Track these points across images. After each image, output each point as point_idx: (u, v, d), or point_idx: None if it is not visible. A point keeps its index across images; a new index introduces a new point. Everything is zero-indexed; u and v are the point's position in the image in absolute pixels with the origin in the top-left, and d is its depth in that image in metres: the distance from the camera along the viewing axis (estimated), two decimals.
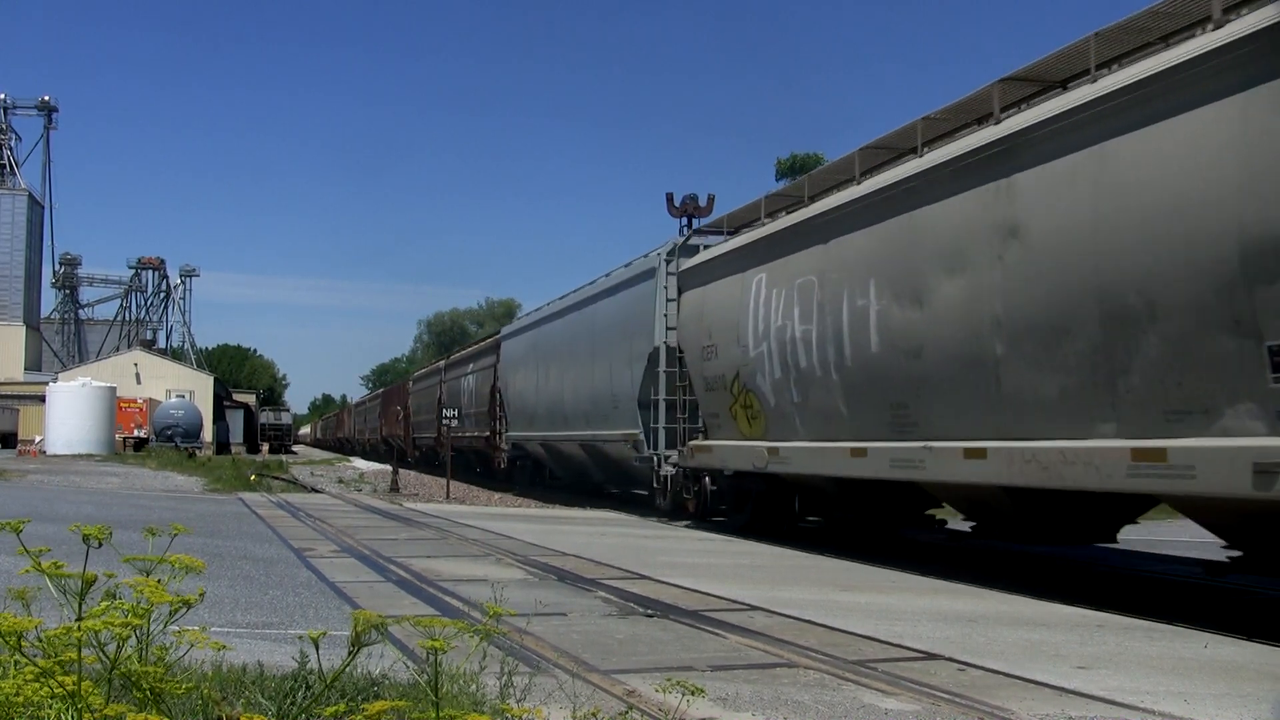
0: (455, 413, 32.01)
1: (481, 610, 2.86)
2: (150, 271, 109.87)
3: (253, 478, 29.11)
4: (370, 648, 2.42)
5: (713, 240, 18.01)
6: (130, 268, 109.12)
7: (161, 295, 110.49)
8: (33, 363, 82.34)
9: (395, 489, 27.63)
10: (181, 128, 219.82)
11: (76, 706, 2.14)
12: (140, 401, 60.53)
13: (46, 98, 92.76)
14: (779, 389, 14.08)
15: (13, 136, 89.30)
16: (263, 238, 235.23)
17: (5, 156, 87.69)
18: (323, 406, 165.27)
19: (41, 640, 2.23)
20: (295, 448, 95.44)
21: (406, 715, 2.70)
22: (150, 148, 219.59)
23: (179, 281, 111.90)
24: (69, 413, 50.00)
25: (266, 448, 78.99)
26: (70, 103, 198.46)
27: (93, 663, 2.29)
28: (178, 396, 63.69)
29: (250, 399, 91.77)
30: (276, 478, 31.41)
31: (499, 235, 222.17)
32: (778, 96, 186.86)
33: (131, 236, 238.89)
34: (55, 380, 58.82)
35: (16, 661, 2.17)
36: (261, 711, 3.51)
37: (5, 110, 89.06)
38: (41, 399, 54.65)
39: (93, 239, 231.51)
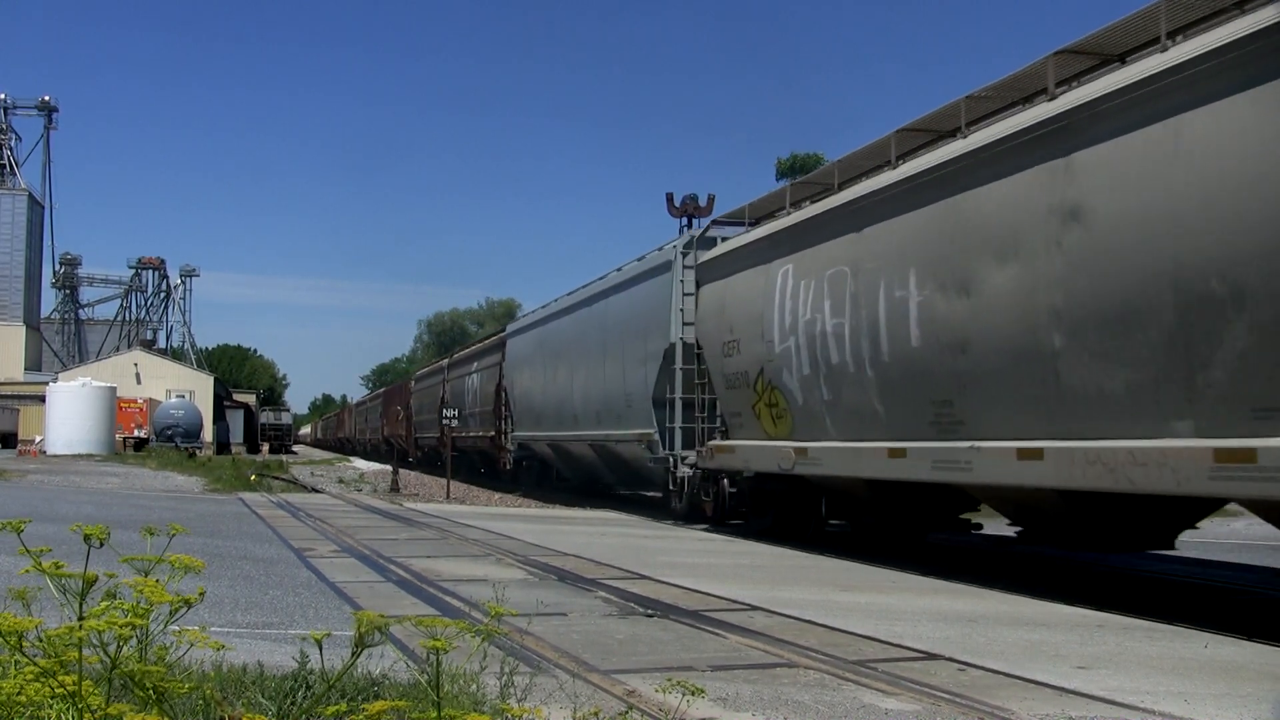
0: (455, 412, 31.49)
1: (482, 610, 2.86)
2: (150, 271, 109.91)
3: (253, 478, 29.11)
4: (371, 647, 2.42)
5: (731, 232, 17.29)
6: (130, 268, 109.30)
7: (161, 295, 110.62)
8: (33, 363, 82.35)
9: (395, 489, 27.64)
10: (181, 128, 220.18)
11: (77, 706, 2.14)
12: (140, 401, 60.52)
13: (46, 98, 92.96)
14: (808, 386, 13.38)
15: (13, 136, 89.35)
16: (263, 238, 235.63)
17: (5, 156, 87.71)
18: (323, 406, 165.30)
19: (42, 640, 2.23)
20: (295, 448, 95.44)
21: (407, 715, 2.70)
22: (150, 148, 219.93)
23: (179, 281, 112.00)
24: (69, 413, 49.98)
25: (266, 448, 78.99)
26: (70, 103, 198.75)
27: (93, 663, 2.29)
28: (178, 396, 63.68)
29: (250, 399, 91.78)
30: (276, 478, 31.42)
31: (499, 235, 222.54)
32: (778, 96, 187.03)
33: (131, 236, 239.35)
34: (55, 380, 58.80)
35: (17, 661, 2.17)
36: (262, 711, 3.52)
37: (5, 110, 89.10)
38: (41, 399, 54.65)
39: (93, 239, 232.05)
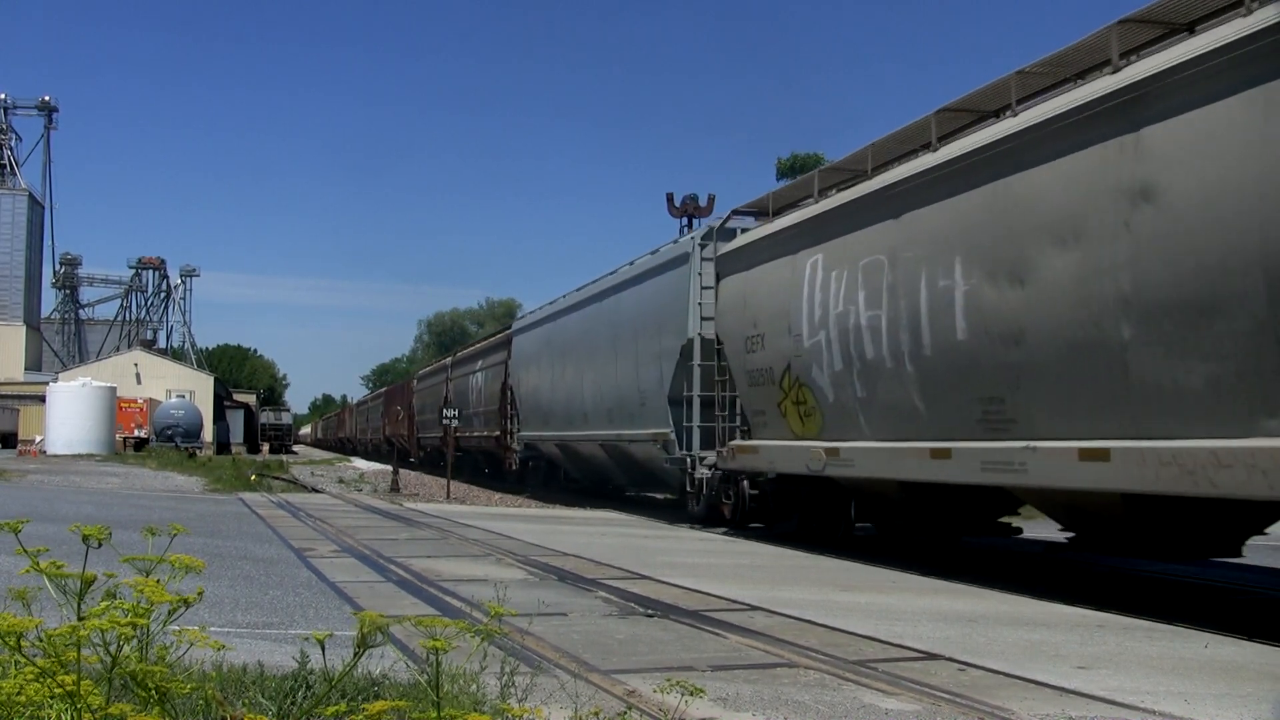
0: (456, 412, 30.98)
1: (482, 610, 2.86)
2: (150, 271, 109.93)
3: (253, 478, 29.10)
4: (371, 648, 2.42)
5: (751, 223, 16.61)
6: (130, 268, 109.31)
7: (162, 295, 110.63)
8: (33, 363, 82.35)
9: (396, 489, 27.63)
10: (181, 128, 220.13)
11: (76, 706, 2.14)
12: (140, 401, 60.52)
13: (46, 98, 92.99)
14: (839, 382, 12.66)
15: (13, 136, 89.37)
16: (263, 238, 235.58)
17: (5, 156, 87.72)
18: (323, 406, 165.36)
19: (42, 640, 2.23)
20: (295, 448, 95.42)
21: (407, 715, 2.70)
22: (150, 148, 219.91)
23: (179, 281, 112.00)
24: (69, 413, 49.99)
25: (267, 448, 78.97)
26: (70, 103, 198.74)
27: (94, 662, 2.29)
28: (178, 396, 63.68)
29: (250, 399, 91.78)
30: (277, 478, 31.41)
31: (499, 235, 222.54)
32: (778, 96, 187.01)
33: (132, 236, 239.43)
34: (55, 380, 58.81)
35: (17, 661, 2.17)
36: (262, 711, 3.52)
37: (5, 110, 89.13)
38: (42, 399, 54.66)
39: (93, 239, 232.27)
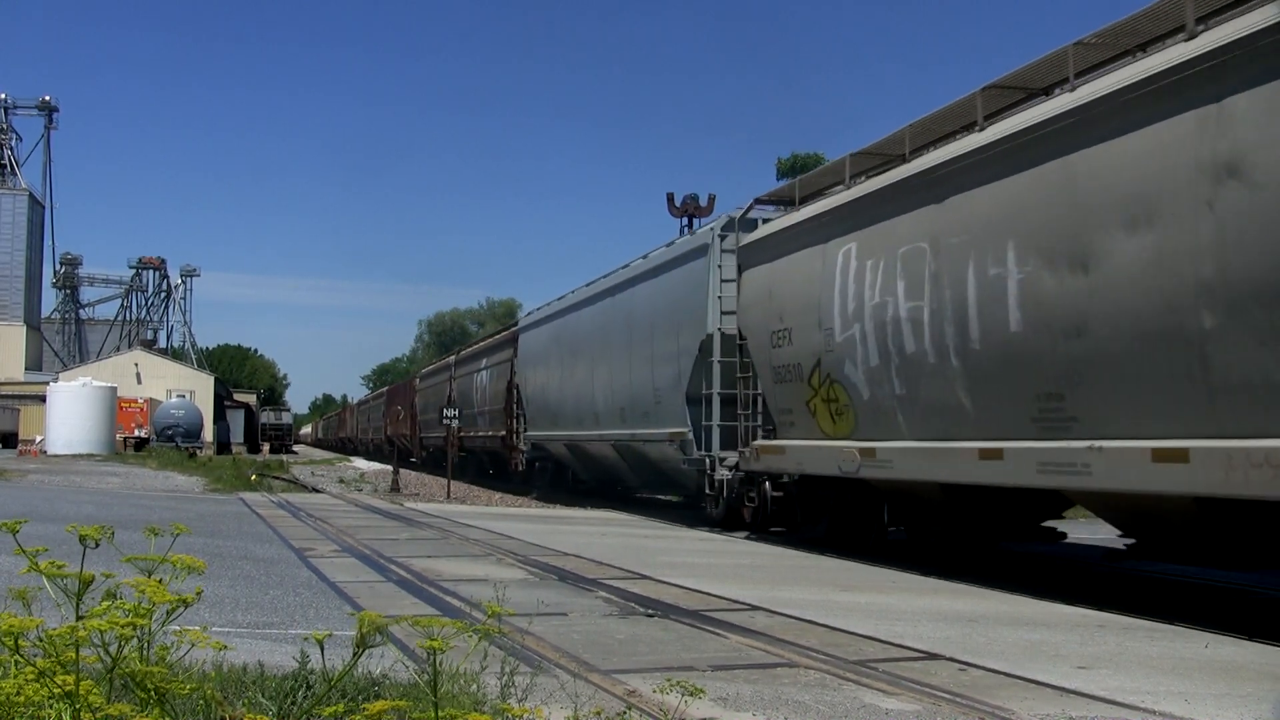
0: (456, 412, 30.64)
1: (482, 610, 2.86)
2: (151, 271, 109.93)
3: (253, 478, 29.11)
4: (371, 648, 2.42)
5: (773, 213, 15.93)
6: (131, 268, 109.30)
7: (162, 295, 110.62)
8: (33, 363, 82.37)
9: (396, 489, 27.63)
10: (181, 128, 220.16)
11: (76, 706, 2.14)
12: (141, 401, 60.53)
13: (47, 98, 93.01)
14: (875, 379, 11.96)
15: (13, 136, 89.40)
16: (263, 238, 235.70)
17: (6, 156, 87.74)
18: (323, 406, 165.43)
19: (42, 640, 2.23)
20: (296, 448, 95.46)
21: (407, 715, 2.70)
22: (150, 148, 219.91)
23: (179, 281, 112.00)
24: (69, 413, 49.98)
25: (267, 448, 78.97)
26: (70, 103, 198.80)
27: (93, 662, 2.29)
28: (178, 396, 63.66)
29: (251, 399, 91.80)
30: (277, 478, 31.41)
31: (499, 235, 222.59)
32: (778, 96, 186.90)
33: (132, 236, 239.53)
34: (56, 380, 58.80)
35: (16, 661, 2.17)
36: (263, 711, 3.52)
37: (6, 110, 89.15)
38: (42, 399, 54.65)
39: (93, 239, 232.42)
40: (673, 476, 19.63)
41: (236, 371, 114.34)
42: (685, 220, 26.98)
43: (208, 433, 64.75)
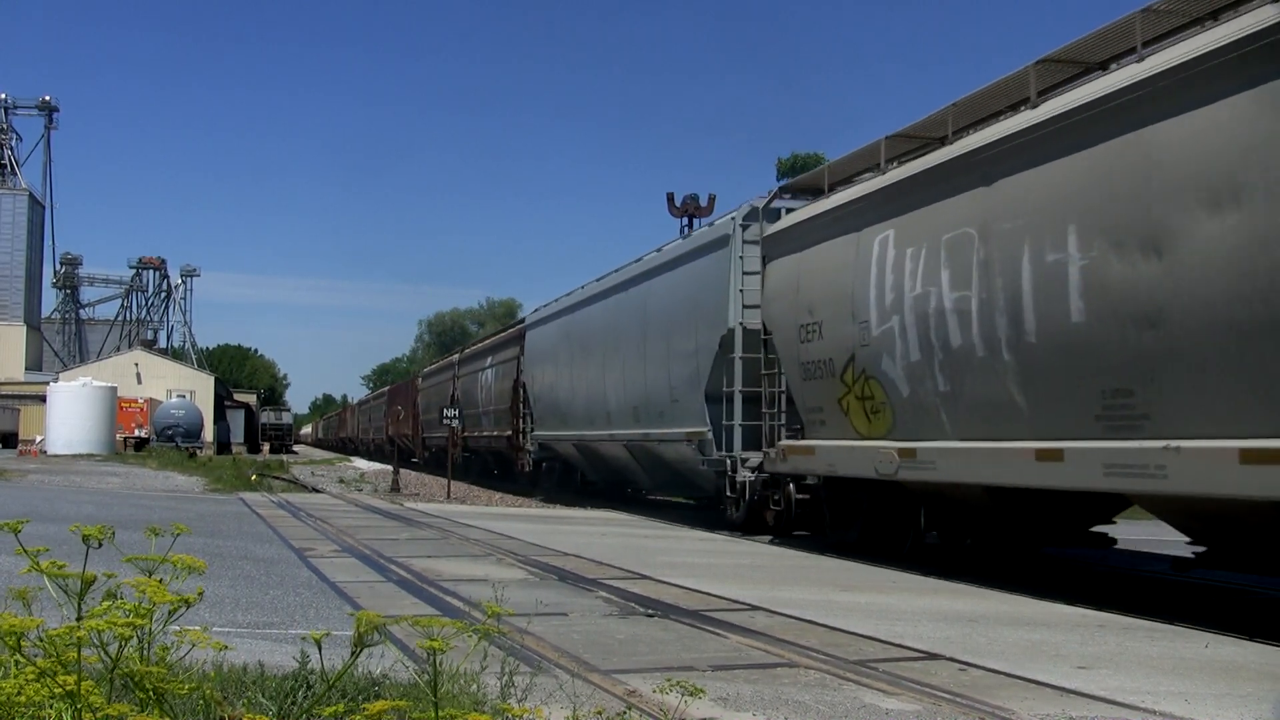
0: (457, 413, 30.52)
1: (482, 610, 2.86)
2: (151, 271, 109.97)
3: (253, 478, 29.11)
4: (371, 647, 2.42)
5: (797, 203, 15.23)
6: (131, 268, 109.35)
7: (162, 295, 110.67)
8: (33, 363, 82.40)
9: (396, 489, 27.64)
10: (181, 128, 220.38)
11: (77, 706, 2.14)
12: (141, 401, 60.55)
13: (47, 98, 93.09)
14: (916, 375, 11.25)
15: (13, 136, 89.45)
16: (263, 238, 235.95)
17: (6, 156, 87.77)
18: (323, 406, 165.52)
19: (43, 640, 2.23)
20: (296, 448, 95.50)
21: (407, 715, 2.70)
22: (150, 148, 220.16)
23: (179, 281, 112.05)
24: (69, 413, 50.00)
25: (267, 448, 78.99)
26: (70, 103, 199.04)
27: (93, 662, 2.29)
28: (178, 396, 63.70)
29: (251, 399, 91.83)
30: (277, 478, 31.42)
31: (499, 235, 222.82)
32: (778, 96, 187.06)
33: (132, 236, 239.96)
34: (56, 380, 58.82)
35: (17, 661, 2.17)
36: (263, 711, 3.52)
37: (6, 110, 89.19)
38: (42, 399, 54.67)
39: (93, 239, 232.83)
40: (689, 478, 18.96)
41: (236, 371, 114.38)
42: (685, 220, 26.97)
43: (208, 433, 64.78)
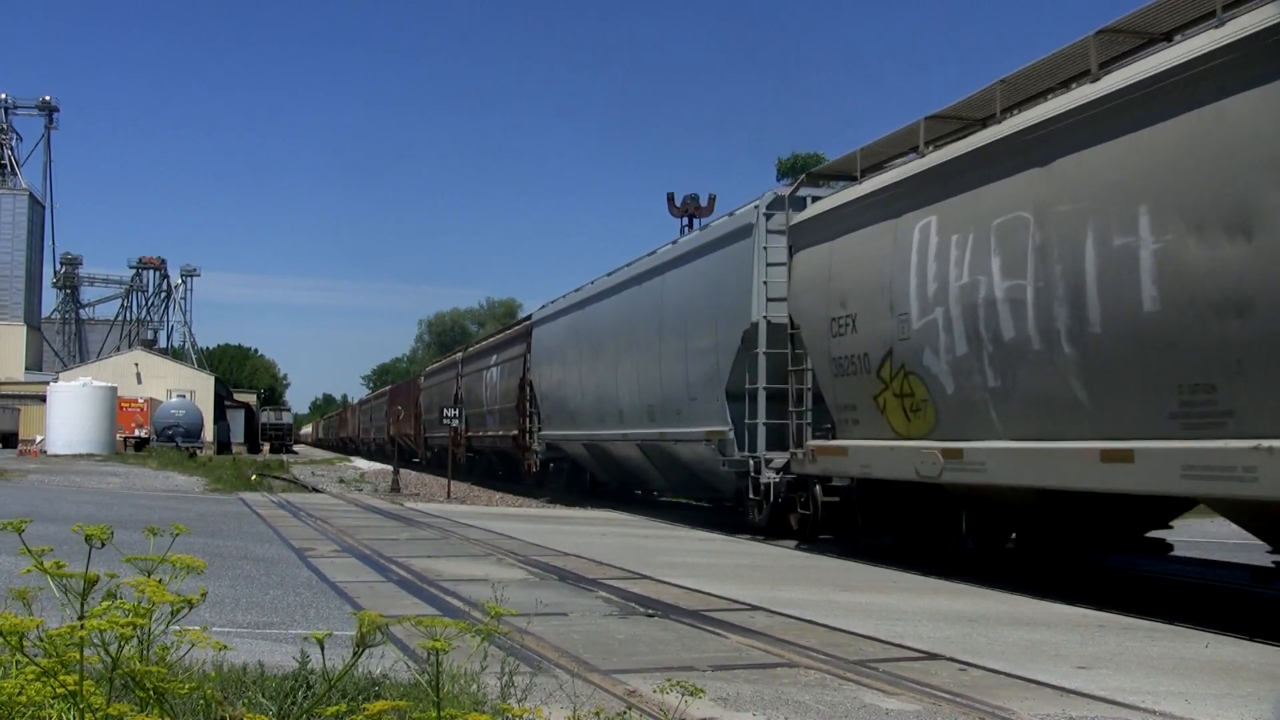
0: (457, 412, 30.20)
1: (482, 610, 2.86)
2: (151, 271, 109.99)
3: (254, 478, 29.11)
4: (371, 648, 2.42)
5: (825, 191, 14.66)
6: (131, 267, 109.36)
7: (162, 295, 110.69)
8: (33, 363, 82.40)
9: (396, 489, 27.64)
10: (181, 128, 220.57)
11: (78, 706, 2.14)
12: (141, 401, 60.55)
13: (47, 98, 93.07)
14: (962, 370, 10.58)
15: (13, 136, 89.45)
16: (263, 238, 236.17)
17: (6, 156, 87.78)
18: (323, 406, 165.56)
19: (43, 640, 2.24)
20: (296, 448, 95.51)
21: (407, 715, 2.70)
22: (150, 148, 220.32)
23: (180, 281, 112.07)
24: (69, 413, 49.98)
25: (267, 447, 79.00)
26: (70, 103, 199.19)
27: (94, 663, 2.29)
28: (178, 396, 63.70)
29: (251, 399, 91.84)
30: (277, 477, 31.42)
31: (499, 235, 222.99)
32: (778, 96, 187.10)
33: (132, 236, 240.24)
34: (56, 380, 58.81)
35: (18, 661, 2.17)
36: (263, 711, 3.52)
37: (6, 110, 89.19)
38: (42, 399, 54.66)
39: (93, 239, 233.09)
40: (706, 480, 18.30)
41: (236, 371, 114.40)
42: (685, 220, 27.01)
43: (208, 433, 64.78)
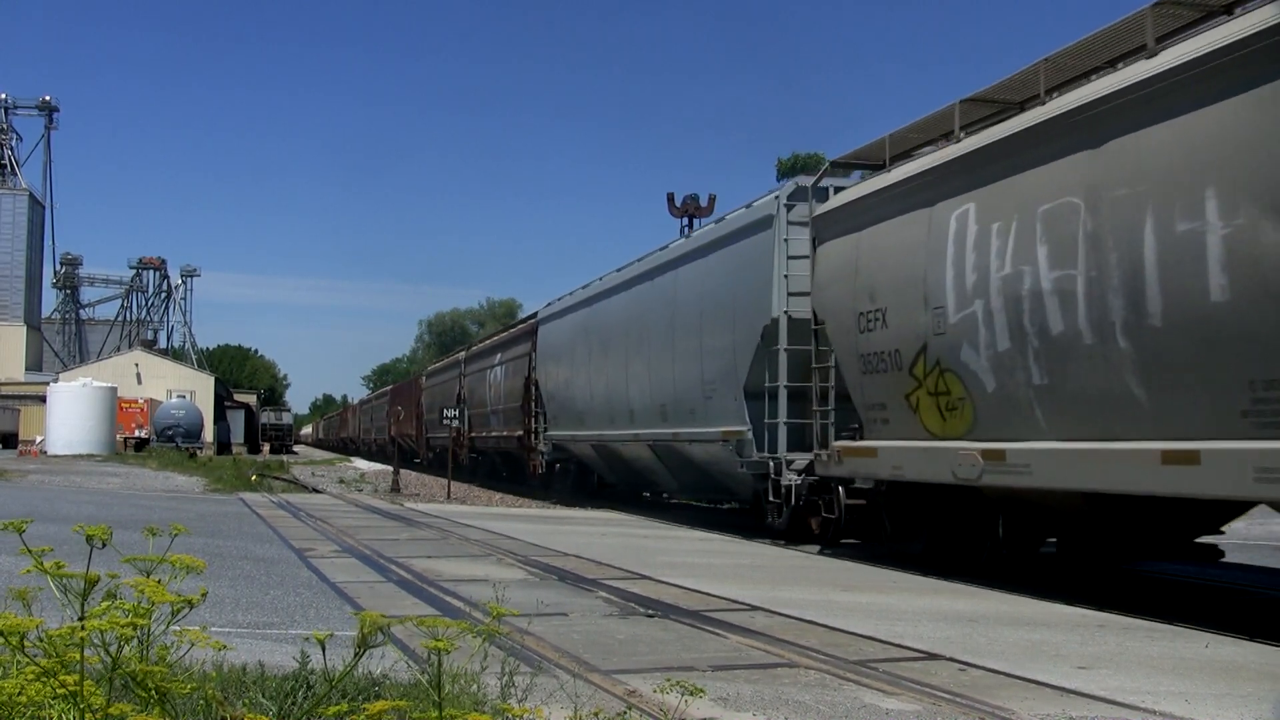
0: (456, 413, 30.28)
1: (483, 610, 2.87)
2: (151, 271, 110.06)
3: (254, 478, 29.11)
4: (372, 648, 2.42)
5: (849, 180, 14.16)
6: (131, 268, 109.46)
7: (162, 295, 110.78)
8: (33, 363, 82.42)
9: (396, 489, 27.64)
10: (181, 128, 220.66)
11: (78, 706, 2.14)
12: (141, 402, 60.55)
13: (47, 98, 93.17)
14: (1004, 366, 10.07)
15: (14, 136, 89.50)
16: (263, 238, 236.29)
17: (6, 156, 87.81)
18: (323, 406, 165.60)
19: (43, 640, 2.24)
20: (296, 448, 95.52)
21: (408, 715, 2.70)
22: (150, 148, 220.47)
23: (180, 281, 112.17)
24: (70, 413, 49.99)
25: (267, 448, 78.99)
26: (70, 103, 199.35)
27: (94, 663, 2.29)
28: (178, 397, 63.70)
29: (251, 399, 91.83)
30: (277, 478, 31.42)
31: (499, 235, 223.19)
32: (778, 96, 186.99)
33: (132, 236, 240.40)
34: (56, 380, 58.84)
35: (18, 661, 2.17)
36: (263, 712, 3.52)
37: (6, 110, 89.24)
38: (42, 399, 54.67)
39: (93, 239, 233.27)
40: (721, 481, 17.75)
41: (237, 372, 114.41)
42: (685, 220, 27.01)
43: (208, 433, 64.77)
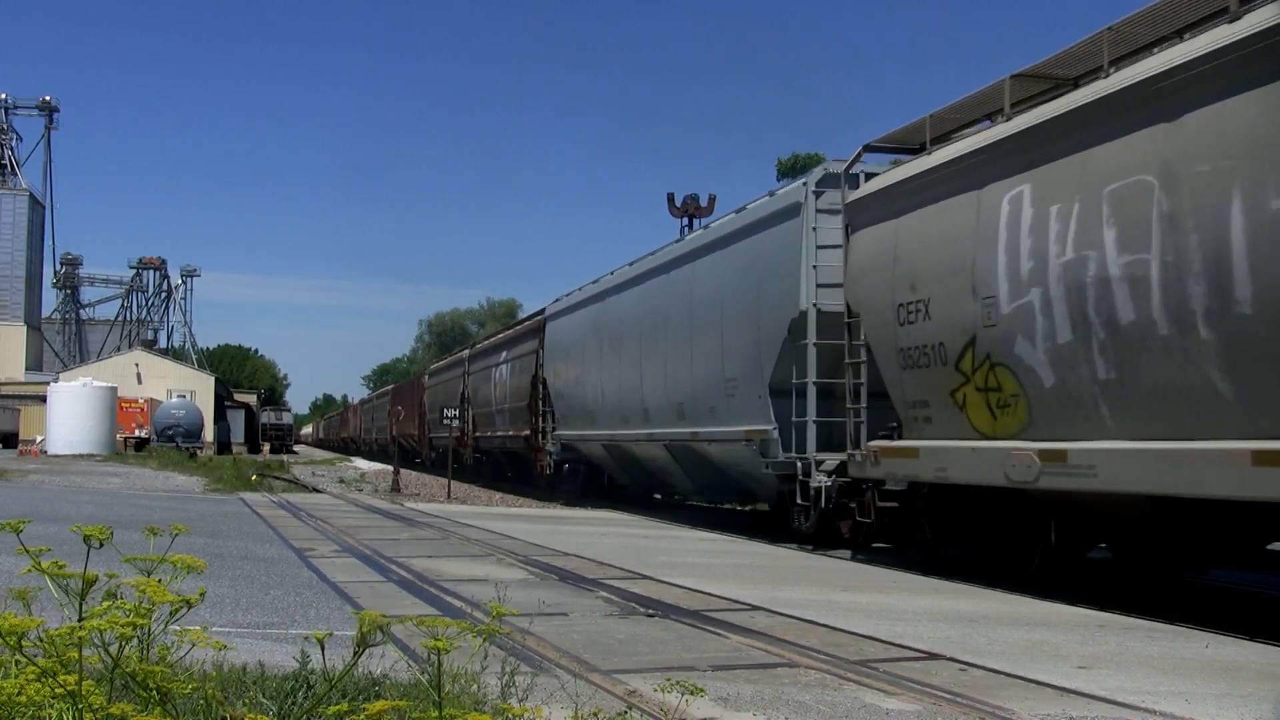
0: (456, 413, 30.11)
1: (483, 610, 2.86)
2: (151, 271, 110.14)
3: (254, 478, 29.11)
4: (372, 648, 2.42)
5: (884, 166, 13.28)
6: (131, 268, 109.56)
7: (162, 295, 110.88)
8: (34, 363, 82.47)
9: (396, 489, 27.64)
10: (181, 128, 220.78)
11: (78, 706, 2.14)
12: (141, 401, 60.58)
13: (47, 98, 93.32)
14: (1064, 360, 9.34)
15: (14, 136, 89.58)
16: (263, 238, 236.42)
17: (6, 156, 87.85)
18: (324, 406, 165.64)
19: (43, 640, 2.23)
20: (296, 448, 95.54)
21: (408, 715, 2.70)
22: (150, 148, 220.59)
23: (180, 281, 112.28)
24: (70, 413, 50.01)
25: (268, 448, 78.99)
26: (71, 103, 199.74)
27: (94, 663, 2.29)
28: (179, 396, 63.72)
29: (251, 399, 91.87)
30: (277, 478, 31.41)
31: (499, 235, 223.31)
32: (778, 96, 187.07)
33: (132, 236, 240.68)
34: (56, 380, 58.85)
35: (18, 661, 2.17)
36: (263, 711, 3.52)
37: (6, 110, 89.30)
38: (42, 399, 54.69)
39: (94, 239, 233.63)
40: (741, 483, 17.06)
41: (237, 372, 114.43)
42: (685, 220, 27.05)
43: (208, 433, 64.79)
